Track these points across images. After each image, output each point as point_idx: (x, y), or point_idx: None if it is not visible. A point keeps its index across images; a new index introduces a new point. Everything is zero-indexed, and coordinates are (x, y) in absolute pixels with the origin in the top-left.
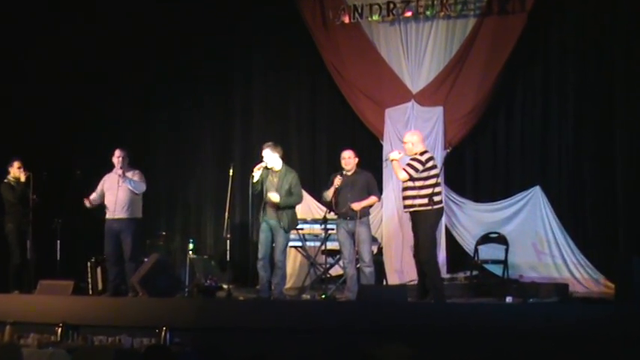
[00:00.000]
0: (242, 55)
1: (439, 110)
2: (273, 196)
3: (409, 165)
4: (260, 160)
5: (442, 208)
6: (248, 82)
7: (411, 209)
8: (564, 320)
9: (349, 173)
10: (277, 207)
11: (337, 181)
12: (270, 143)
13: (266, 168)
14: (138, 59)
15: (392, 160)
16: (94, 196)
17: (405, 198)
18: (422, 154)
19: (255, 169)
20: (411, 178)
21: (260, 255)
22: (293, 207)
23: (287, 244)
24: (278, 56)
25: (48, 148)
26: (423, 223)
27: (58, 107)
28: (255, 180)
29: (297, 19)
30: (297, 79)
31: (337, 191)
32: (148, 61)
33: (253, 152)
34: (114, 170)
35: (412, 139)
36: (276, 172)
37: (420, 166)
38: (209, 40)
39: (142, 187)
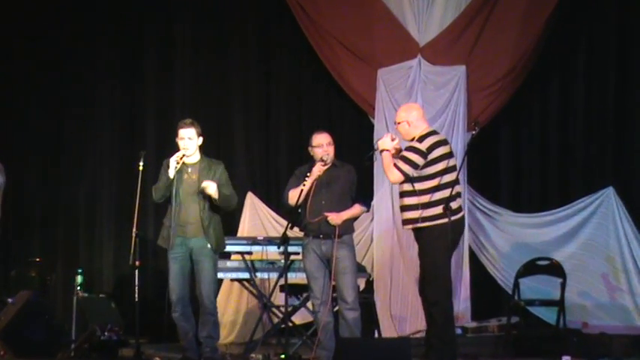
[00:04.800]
0: None
1: (460, 72)
2: (210, 186)
3: (403, 159)
4: (176, 148)
5: (462, 219)
6: (167, 32)
7: (414, 225)
8: None
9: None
10: (201, 217)
11: (317, 169)
12: (191, 121)
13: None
14: None
15: (382, 151)
16: None
17: (403, 209)
18: (422, 138)
19: (173, 160)
20: (408, 179)
21: (174, 297)
22: (225, 209)
23: (217, 274)
24: None
25: None
26: (433, 243)
27: None
28: (172, 176)
29: None
30: (242, 27)
31: (311, 192)
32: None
33: (175, 137)
34: None
35: (408, 116)
36: (194, 165)
37: (419, 159)
38: None
39: None
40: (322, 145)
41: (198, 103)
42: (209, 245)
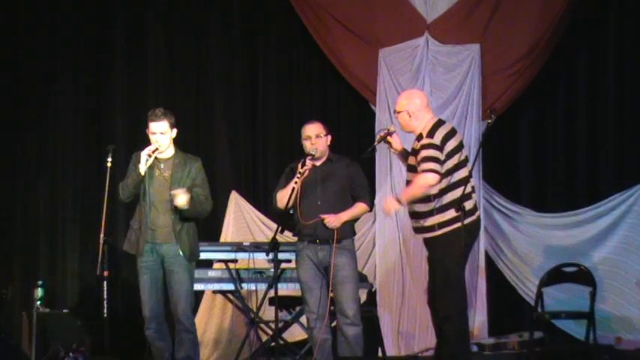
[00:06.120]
0: None
1: (473, 51)
2: (180, 197)
3: (424, 159)
4: (148, 142)
5: (478, 220)
6: (137, 13)
7: (428, 234)
8: None
9: (317, 163)
10: (172, 220)
11: (307, 164)
12: (162, 112)
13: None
14: None
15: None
16: None
17: (412, 215)
18: (431, 131)
19: (144, 154)
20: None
21: (148, 313)
22: (198, 218)
23: (193, 286)
24: None
25: None
26: (445, 250)
27: None
28: (142, 172)
29: None
30: (223, 4)
31: (301, 190)
32: None
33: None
34: None
35: (410, 105)
36: (167, 160)
37: (439, 154)
38: None
39: None
40: (310, 138)
41: (173, 92)
42: (181, 253)
